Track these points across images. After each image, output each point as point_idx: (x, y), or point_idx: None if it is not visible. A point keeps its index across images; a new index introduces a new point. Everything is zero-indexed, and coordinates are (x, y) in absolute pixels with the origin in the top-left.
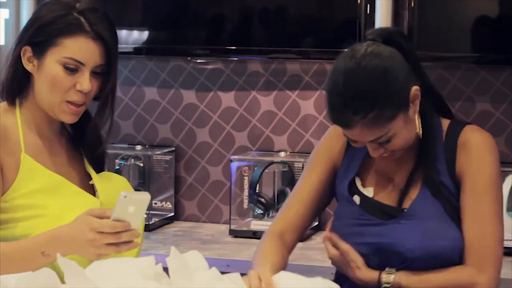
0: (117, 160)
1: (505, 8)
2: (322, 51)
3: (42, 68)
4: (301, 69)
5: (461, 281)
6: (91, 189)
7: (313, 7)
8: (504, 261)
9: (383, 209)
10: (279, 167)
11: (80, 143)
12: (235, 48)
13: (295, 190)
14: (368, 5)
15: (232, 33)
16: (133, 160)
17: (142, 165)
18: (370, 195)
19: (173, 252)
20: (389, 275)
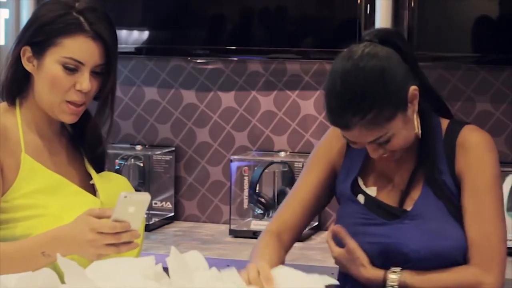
0: (117, 160)
1: (505, 8)
2: (322, 51)
3: (41, 68)
4: (301, 69)
5: (467, 281)
6: (92, 189)
7: (313, 7)
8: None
9: (386, 209)
10: (279, 167)
11: (80, 142)
12: (235, 48)
13: (293, 190)
14: (368, 5)
15: (232, 33)
16: (133, 160)
17: (142, 165)
18: (374, 194)
19: (173, 252)
20: (395, 274)
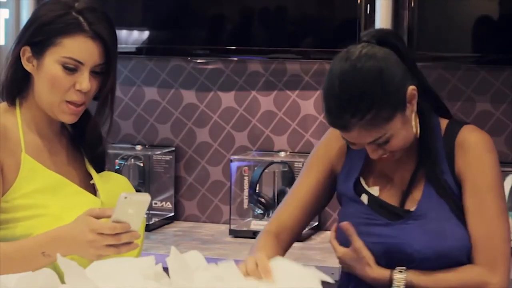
0: (117, 160)
1: (505, 8)
2: (322, 51)
3: (41, 68)
4: (301, 69)
5: (473, 281)
6: (92, 189)
7: (313, 7)
8: None
9: (389, 209)
10: (279, 167)
11: (80, 142)
12: (235, 48)
13: (292, 190)
14: (368, 5)
15: (232, 33)
16: (133, 160)
17: (142, 165)
18: (377, 194)
19: (173, 252)
20: (401, 273)
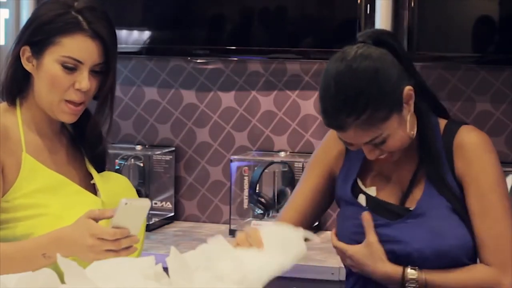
0: (117, 160)
1: (505, 8)
2: (322, 51)
3: (41, 67)
4: (301, 69)
5: (486, 280)
6: (92, 189)
7: (313, 7)
8: None
9: (388, 208)
10: (279, 167)
11: (80, 142)
12: (235, 48)
13: (293, 194)
14: (368, 5)
15: (232, 33)
16: (133, 160)
17: (142, 165)
18: (374, 194)
19: (173, 252)
20: (414, 270)
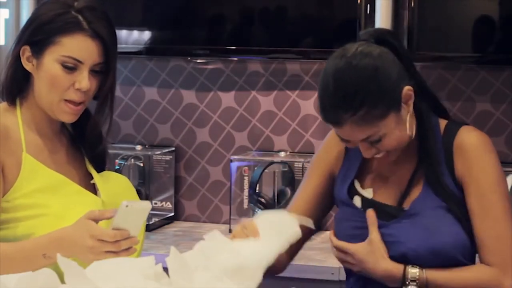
0: (117, 160)
1: (505, 8)
2: (322, 51)
3: (41, 67)
4: (301, 69)
5: (486, 281)
6: (92, 188)
7: (313, 7)
8: None
9: (384, 210)
10: (279, 167)
11: (80, 142)
12: (235, 48)
13: (295, 197)
14: (368, 5)
15: (232, 33)
16: (133, 160)
17: (142, 165)
18: (370, 196)
19: (173, 252)
20: (415, 269)
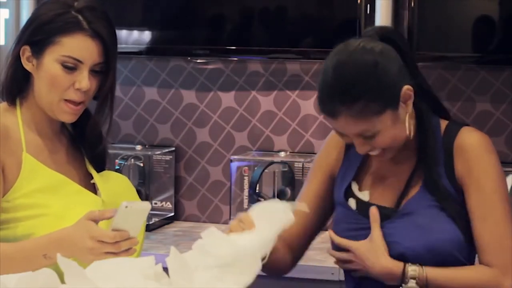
0: (117, 160)
1: (505, 8)
2: (322, 51)
3: (41, 67)
4: (301, 69)
5: (487, 281)
6: (92, 188)
7: (313, 7)
8: None
9: (380, 212)
10: (279, 167)
11: (80, 142)
12: (235, 48)
13: (298, 199)
14: (368, 5)
15: (232, 33)
16: (133, 160)
17: (142, 165)
18: (366, 198)
19: (173, 252)
20: (414, 266)
